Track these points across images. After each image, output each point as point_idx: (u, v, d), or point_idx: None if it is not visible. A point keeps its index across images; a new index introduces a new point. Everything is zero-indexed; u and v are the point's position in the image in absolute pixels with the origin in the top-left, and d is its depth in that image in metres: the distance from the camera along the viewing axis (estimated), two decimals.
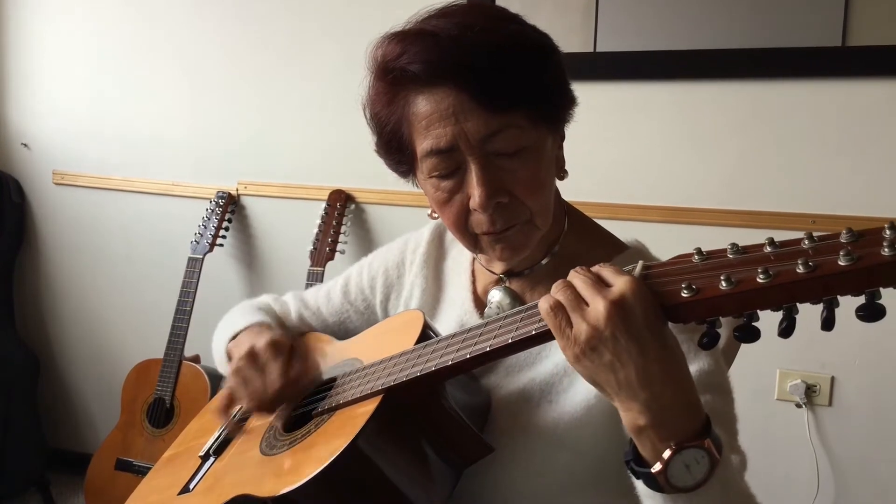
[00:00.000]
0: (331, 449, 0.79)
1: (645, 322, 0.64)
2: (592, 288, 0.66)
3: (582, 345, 0.65)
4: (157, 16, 2.55)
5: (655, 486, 0.67)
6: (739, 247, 0.62)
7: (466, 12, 0.87)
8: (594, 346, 0.65)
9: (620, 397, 0.66)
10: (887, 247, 0.53)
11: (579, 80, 0.93)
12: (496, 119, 0.83)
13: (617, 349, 0.64)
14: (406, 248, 1.13)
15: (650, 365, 0.64)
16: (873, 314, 0.55)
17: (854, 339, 1.93)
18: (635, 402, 0.65)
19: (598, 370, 0.66)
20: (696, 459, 0.65)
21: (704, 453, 0.65)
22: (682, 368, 0.67)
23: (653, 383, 0.64)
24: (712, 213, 2.02)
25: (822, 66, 1.90)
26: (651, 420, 0.65)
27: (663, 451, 0.65)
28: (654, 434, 0.65)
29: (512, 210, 0.87)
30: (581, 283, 0.67)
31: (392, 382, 0.82)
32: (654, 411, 0.65)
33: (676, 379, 0.66)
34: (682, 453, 0.65)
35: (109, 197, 2.68)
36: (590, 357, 0.65)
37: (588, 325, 0.65)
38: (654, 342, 0.64)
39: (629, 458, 0.70)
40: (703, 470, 0.65)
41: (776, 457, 2.02)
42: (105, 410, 2.72)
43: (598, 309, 0.64)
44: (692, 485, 0.65)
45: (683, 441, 0.65)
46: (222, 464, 0.99)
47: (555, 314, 0.67)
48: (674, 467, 0.65)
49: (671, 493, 0.66)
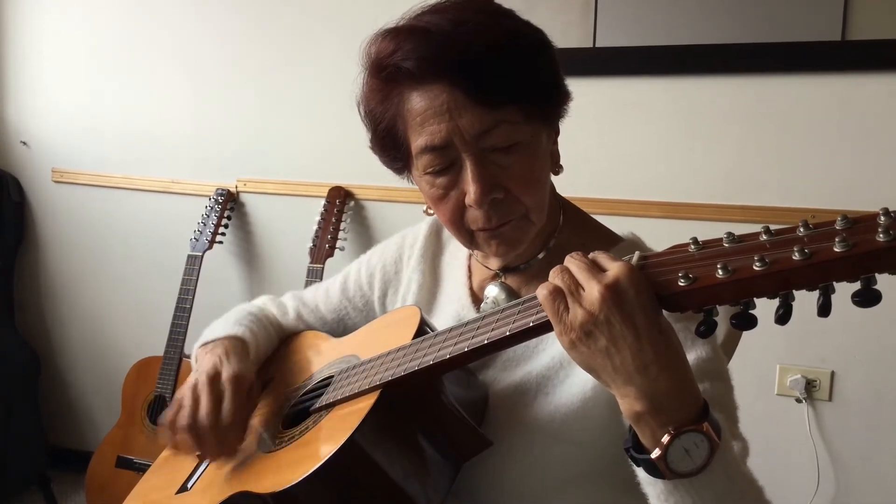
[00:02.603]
0: (329, 445, 0.79)
1: (639, 306, 0.64)
2: (587, 272, 0.66)
3: (577, 330, 0.65)
4: (156, 13, 2.54)
5: (656, 473, 0.67)
6: (735, 235, 0.62)
7: (460, 8, 0.87)
8: (589, 331, 0.65)
9: (616, 383, 0.66)
10: (882, 233, 0.54)
11: (578, 75, 0.93)
12: (490, 115, 0.83)
13: (612, 333, 0.64)
14: (404, 244, 1.13)
15: (645, 349, 0.64)
16: (869, 299, 0.55)
17: (854, 333, 1.93)
18: (631, 386, 0.65)
19: (594, 356, 0.66)
20: (695, 444, 0.65)
21: (703, 437, 0.65)
22: (678, 353, 0.67)
23: (648, 368, 0.64)
24: (712, 209, 2.01)
25: (822, 60, 1.90)
26: (648, 406, 0.65)
27: (662, 437, 0.65)
28: (652, 420, 0.65)
29: (507, 206, 0.87)
30: (577, 268, 0.67)
31: (390, 377, 0.82)
32: (650, 397, 0.65)
33: (673, 364, 0.66)
34: (680, 438, 0.65)
35: (109, 195, 2.68)
36: (585, 343, 0.65)
37: (583, 309, 0.65)
38: (648, 326, 0.64)
39: (628, 446, 0.70)
40: (703, 454, 0.65)
41: (776, 452, 2.01)
42: (105, 408, 2.72)
43: (593, 293, 0.64)
44: (693, 469, 0.65)
45: (682, 425, 0.65)
46: (220, 461, 0.99)
47: (553, 299, 0.67)
48: (673, 452, 0.65)
49: (672, 478, 0.66)
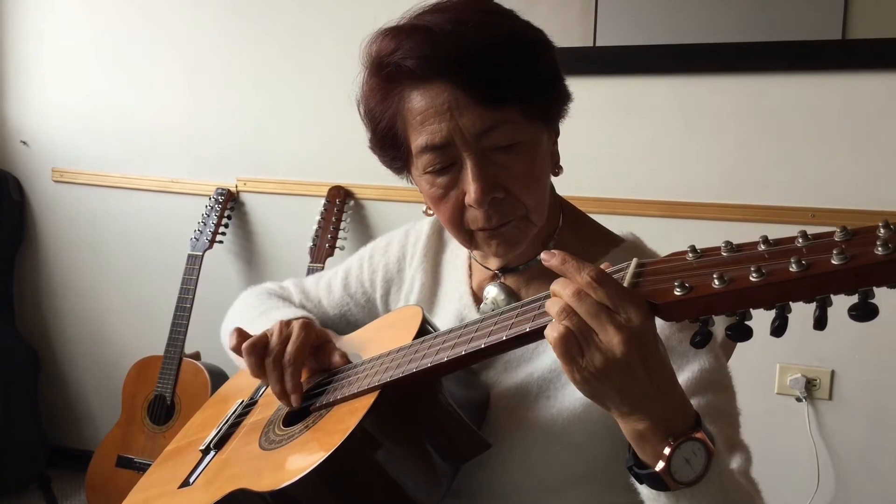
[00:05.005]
0: (328, 444, 0.79)
1: (654, 348, 0.65)
2: (598, 318, 0.64)
3: (594, 372, 0.65)
4: (155, 13, 2.54)
5: (661, 486, 0.68)
6: (733, 245, 0.61)
7: (461, 7, 0.87)
8: (607, 374, 0.65)
9: (621, 411, 0.67)
10: (881, 246, 0.53)
11: (579, 74, 0.93)
12: (491, 114, 0.83)
13: (628, 375, 0.64)
14: (406, 242, 1.13)
15: (655, 383, 0.65)
16: (866, 314, 0.55)
17: (854, 333, 1.93)
18: (636, 414, 0.67)
19: (605, 391, 0.66)
20: (693, 452, 0.67)
21: (700, 445, 0.67)
22: (674, 377, 0.68)
23: (655, 398, 0.66)
24: (712, 208, 2.01)
25: (822, 59, 1.90)
26: (649, 425, 0.66)
27: (663, 449, 0.66)
28: (652, 436, 0.67)
29: (507, 206, 0.87)
30: (586, 312, 0.65)
31: (389, 378, 0.82)
32: (651, 417, 0.66)
33: (671, 386, 0.68)
34: (681, 448, 0.66)
35: (109, 194, 2.68)
36: (599, 381, 0.65)
37: (602, 355, 0.64)
38: (659, 366, 0.66)
39: (631, 464, 0.71)
40: (702, 462, 0.67)
41: (776, 451, 2.02)
42: (106, 407, 2.72)
43: (613, 341, 0.63)
44: (694, 478, 0.67)
45: (680, 436, 0.66)
46: (222, 458, 0.99)
47: (566, 344, 0.65)
48: (675, 462, 0.66)
49: (676, 488, 0.67)
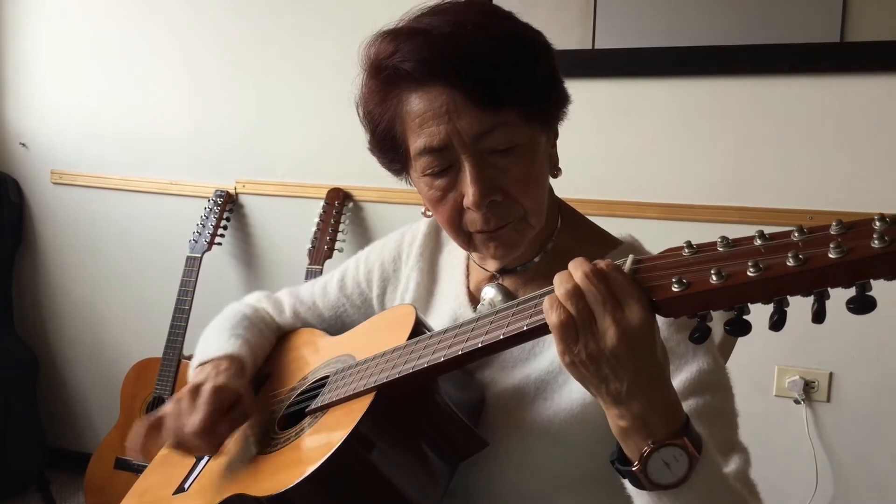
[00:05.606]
0: (325, 447, 0.79)
1: (648, 348, 0.65)
2: (603, 306, 0.65)
3: (583, 358, 0.66)
4: (154, 15, 2.54)
5: (638, 484, 0.68)
6: (730, 240, 0.61)
7: (459, 10, 0.87)
8: (596, 362, 0.65)
9: (606, 401, 0.68)
10: (877, 238, 0.53)
11: (578, 77, 0.93)
12: (489, 117, 0.83)
13: (616, 367, 0.65)
14: (402, 242, 1.13)
15: (641, 380, 0.66)
16: (864, 306, 0.55)
17: (852, 334, 1.93)
18: (621, 407, 0.67)
19: (592, 379, 0.67)
20: (674, 457, 0.66)
21: (682, 451, 0.67)
22: (663, 373, 0.68)
23: (640, 395, 0.66)
24: (710, 210, 2.01)
25: (821, 61, 1.90)
26: (633, 423, 0.67)
27: (643, 449, 0.67)
28: (636, 434, 0.67)
29: (506, 208, 0.87)
30: (593, 298, 0.65)
31: (385, 379, 0.82)
32: (636, 416, 0.66)
33: (660, 385, 0.67)
34: (660, 451, 0.66)
35: (108, 196, 2.67)
36: (587, 368, 0.66)
37: (595, 344, 0.65)
38: (648, 364, 0.66)
39: (614, 458, 0.71)
40: (683, 468, 0.67)
41: (775, 453, 2.01)
42: (104, 409, 2.72)
43: (609, 333, 0.64)
44: (674, 482, 0.67)
45: (662, 440, 0.66)
46: (217, 463, 0.99)
47: (564, 329, 0.66)
48: (652, 465, 0.66)
49: (653, 489, 0.68)
